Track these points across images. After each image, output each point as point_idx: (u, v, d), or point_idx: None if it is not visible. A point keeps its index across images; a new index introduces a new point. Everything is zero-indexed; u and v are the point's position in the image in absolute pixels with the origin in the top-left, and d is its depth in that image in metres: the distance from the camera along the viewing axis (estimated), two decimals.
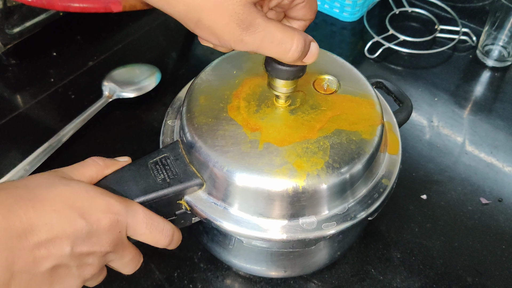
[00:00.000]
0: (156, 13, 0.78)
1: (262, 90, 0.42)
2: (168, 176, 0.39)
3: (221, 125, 0.39)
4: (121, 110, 0.64)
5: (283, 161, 0.37)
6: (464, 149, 0.61)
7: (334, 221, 0.38)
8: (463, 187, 0.57)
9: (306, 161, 0.37)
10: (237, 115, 0.40)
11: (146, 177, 0.38)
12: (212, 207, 0.39)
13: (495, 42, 0.71)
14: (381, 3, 0.81)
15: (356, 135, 0.39)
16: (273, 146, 0.38)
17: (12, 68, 0.69)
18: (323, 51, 0.46)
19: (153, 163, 0.39)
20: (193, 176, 0.39)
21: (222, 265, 0.50)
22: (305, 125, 0.39)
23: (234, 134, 0.38)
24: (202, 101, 0.41)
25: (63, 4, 0.57)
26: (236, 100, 0.41)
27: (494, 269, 0.50)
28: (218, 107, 0.40)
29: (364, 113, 0.41)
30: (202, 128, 0.39)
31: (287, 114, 0.40)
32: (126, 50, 0.73)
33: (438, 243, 0.52)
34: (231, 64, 0.44)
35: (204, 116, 0.40)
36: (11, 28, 0.65)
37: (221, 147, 0.38)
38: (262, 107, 0.40)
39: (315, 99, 0.41)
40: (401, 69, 0.72)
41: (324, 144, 0.38)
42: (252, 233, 0.38)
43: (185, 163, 0.39)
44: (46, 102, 0.65)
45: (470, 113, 0.66)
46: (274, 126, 0.39)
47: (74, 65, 0.70)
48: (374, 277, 0.49)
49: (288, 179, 0.36)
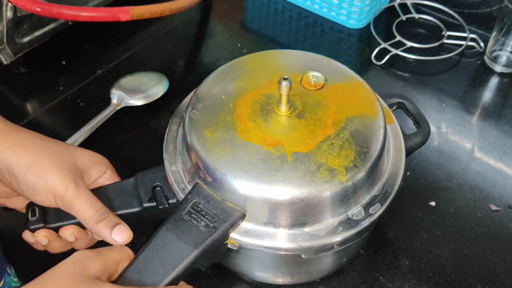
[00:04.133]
0: (164, 22, 0.78)
1: (260, 105, 0.42)
2: (209, 220, 0.37)
3: (241, 151, 0.38)
4: (129, 118, 0.64)
5: (318, 164, 0.37)
6: (473, 156, 0.61)
7: (377, 202, 0.40)
8: (472, 193, 0.57)
9: (338, 156, 0.38)
10: (252, 137, 0.39)
11: (189, 230, 0.37)
12: (262, 236, 0.38)
13: (503, 47, 0.71)
14: (388, 9, 0.81)
15: (366, 117, 0.41)
16: (301, 154, 0.38)
17: (22, 76, 0.70)
18: (294, 51, 0.49)
19: (187, 213, 0.38)
20: (233, 211, 0.38)
21: (229, 272, 0.50)
22: (318, 124, 0.40)
23: (259, 155, 0.38)
24: (209, 135, 0.40)
25: (72, 13, 0.58)
26: (241, 123, 0.40)
27: (505, 277, 0.50)
28: (228, 135, 0.39)
29: (360, 95, 0.43)
30: (224, 161, 0.38)
31: (296, 120, 0.40)
32: (134, 58, 0.73)
33: (447, 251, 0.52)
34: (215, 89, 0.44)
35: (219, 149, 0.39)
36: (21, 37, 0.66)
37: (254, 173, 0.37)
38: (269, 121, 0.40)
39: (312, 97, 0.42)
40: (408, 76, 0.71)
41: (344, 135, 0.39)
42: (316, 243, 0.38)
43: (218, 202, 0.38)
44: (55, 110, 0.66)
45: (479, 119, 0.66)
46: (292, 135, 0.39)
47: (83, 73, 0.70)
48: (382, 284, 0.49)
49: (331, 179, 0.37)
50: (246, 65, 0.46)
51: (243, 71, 0.45)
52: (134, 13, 0.59)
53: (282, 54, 0.48)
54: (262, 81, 0.44)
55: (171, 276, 0.36)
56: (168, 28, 0.78)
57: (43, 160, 0.38)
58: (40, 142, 0.40)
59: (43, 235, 0.41)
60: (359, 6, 0.75)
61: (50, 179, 0.38)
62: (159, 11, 0.61)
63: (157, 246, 0.37)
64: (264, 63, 0.46)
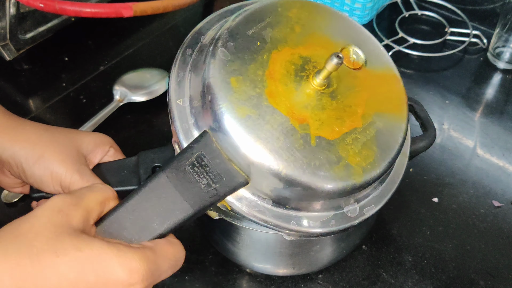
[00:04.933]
0: (167, 18, 0.78)
1: (295, 68, 0.37)
2: (211, 179, 0.34)
3: (266, 117, 0.34)
4: (131, 114, 0.65)
5: (338, 157, 0.35)
6: (475, 152, 0.61)
7: (372, 204, 0.39)
8: (475, 190, 0.57)
9: (359, 153, 0.36)
10: (280, 104, 0.35)
11: (190, 185, 0.33)
12: (257, 207, 0.36)
13: (506, 44, 0.70)
14: (391, 6, 0.81)
15: (393, 118, 0.39)
16: (325, 140, 0.35)
17: (25, 73, 0.70)
18: (337, 12, 0.43)
19: (190, 165, 0.33)
20: (238, 176, 0.34)
21: (233, 269, 0.50)
22: (347, 111, 0.37)
23: (283, 128, 0.34)
24: (235, 85, 0.35)
25: (74, 9, 0.57)
26: (272, 83, 0.36)
27: (508, 273, 0.50)
28: (255, 92, 0.35)
29: (393, 90, 0.40)
30: (246, 122, 0.34)
31: (327, 99, 0.37)
32: (137, 54, 0.73)
33: (450, 247, 0.52)
34: (252, 30, 0.38)
35: (243, 106, 0.34)
36: (24, 33, 0.66)
37: (274, 147, 0.34)
38: (301, 90, 0.36)
39: (348, 77, 0.39)
40: (411, 72, 0.71)
41: (370, 133, 0.37)
42: (307, 230, 0.37)
43: (224, 161, 0.34)
44: (58, 107, 0.66)
45: (482, 115, 0.66)
46: (320, 115, 0.36)
47: (85, 70, 0.70)
48: (385, 280, 0.49)
49: (346, 177, 0.35)
50: (290, 11, 0.40)
51: (285, 18, 0.40)
52: (137, 9, 0.59)
53: (331, 13, 0.43)
54: (302, 37, 0.39)
55: (161, 231, 0.34)
56: (171, 25, 0.78)
57: (48, 153, 0.39)
58: (45, 134, 0.41)
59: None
60: (362, 2, 0.75)
61: (55, 171, 0.39)
62: (162, 7, 0.61)
63: (152, 194, 0.33)
64: (309, 16, 0.41)
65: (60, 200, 0.32)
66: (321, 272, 0.49)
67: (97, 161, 0.44)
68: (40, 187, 0.40)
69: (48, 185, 0.40)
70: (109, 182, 0.42)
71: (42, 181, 0.39)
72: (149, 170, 0.43)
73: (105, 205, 0.35)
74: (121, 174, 0.43)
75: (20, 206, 0.55)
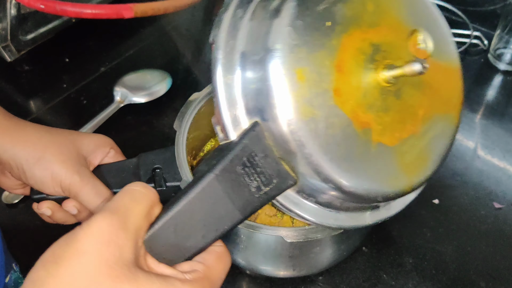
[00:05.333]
0: (167, 19, 0.78)
1: (364, 58, 0.32)
2: (262, 182, 0.30)
3: (329, 120, 0.30)
4: (132, 115, 0.65)
5: (394, 167, 0.33)
6: (476, 153, 0.61)
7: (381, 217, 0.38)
8: (476, 191, 0.57)
9: (412, 164, 0.34)
10: (345, 103, 0.31)
11: (239, 189, 0.29)
12: (298, 204, 0.33)
13: (507, 45, 0.70)
14: None
15: (450, 121, 0.36)
16: (384, 147, 0.32)
17: (25, 74, 0.70)
18: None
19: (242, 166, 0.29)
20: (288, 178, 0.30)
21: (233, 270, 0.50)
22: (409, 112, 0.34)
23: (345, 134, 0.31)
24: (300, 78, 0.30)
25: (75, 10, 0.58)
26: (340, 77, 0.31)
27: (508, 274, 0.50)
28: (322, 89, 0.30)
29: (452, 87, 0.36)
30: (308, 125, 0.30)
31: (392, 98, 0.33)
32: (138, 56, 0.73)
33: (450, 248, 0.52)
34: (323, 5, 0.32)
35: (308, 106, 0.30)
36: (24, 34, 0.66)
37: (333, 154, 0.30)
38: (368, 86, 0.32)
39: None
40: None
41: (425, 140, 0.34)
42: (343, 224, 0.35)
43: (275, 160, 0.30)
44: (58, 108, 0.66)
45: (482, 117, 0.65)
46: (383, 117, 0.32)
47: (86, 71, 0.70)
48: (386, 282, 0.49)
49: (398, 186, 0.33)
50: None
51: None
52: (137, 10, 0.59)
53: None
54: (375, 19, 0.33)
55: (207, 243, 0.30)
56: (172, 26, 0.78)
57: (49, 154, 0.40)
58: (45, 135, 0.41)
59: (46, 207, 0.42)
60: None
61: (55, 172, 0.39)
62: (162, 8, 0.61)
63: (200, 200, 0.29)
64: None
65: (106, 224, 0.27)
66: (322, 274, 0.49)
67: (97, 163, 0.44)
68: (41, 188, 0.41)
69: (48, 186, 0.40)
70: (109, 184, 0.42)
71: (42, 182, 0.40)
72: (150, 172, 0.43)
73: (151, 216, 0.30)
74: (121, 175, 0.43)
75: (20, 207, 0.55)
